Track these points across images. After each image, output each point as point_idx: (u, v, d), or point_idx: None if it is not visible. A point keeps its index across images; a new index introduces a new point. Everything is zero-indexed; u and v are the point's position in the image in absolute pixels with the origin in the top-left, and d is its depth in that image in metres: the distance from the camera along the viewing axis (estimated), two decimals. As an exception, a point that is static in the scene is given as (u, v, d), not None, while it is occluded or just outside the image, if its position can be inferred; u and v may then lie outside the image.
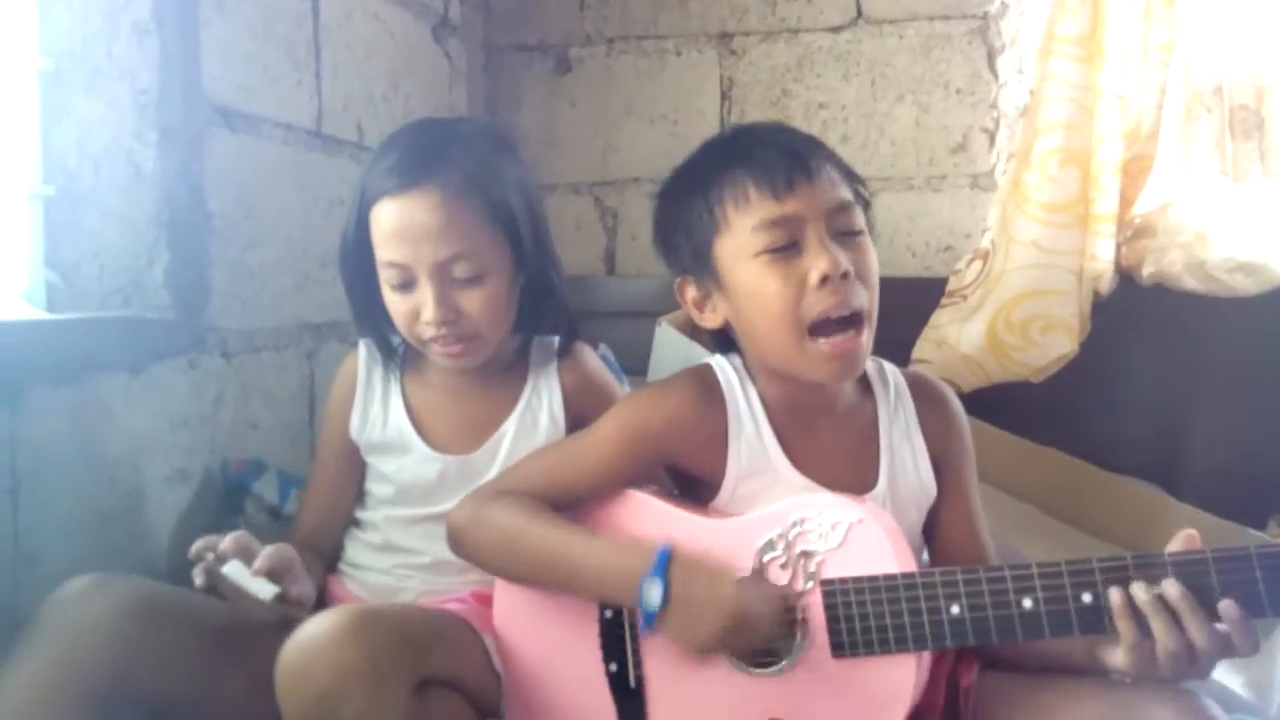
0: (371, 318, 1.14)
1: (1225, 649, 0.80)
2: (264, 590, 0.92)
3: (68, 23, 1.22)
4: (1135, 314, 1.64)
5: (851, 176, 0.99)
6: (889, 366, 1.07)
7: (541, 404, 1.16)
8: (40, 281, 1.24)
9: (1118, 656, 0.83)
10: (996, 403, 1.60)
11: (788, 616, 0.91)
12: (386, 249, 1.07)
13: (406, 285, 1.07)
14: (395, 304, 1.09)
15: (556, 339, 1.19)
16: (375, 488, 1.18)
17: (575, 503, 1.00)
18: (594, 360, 1.21)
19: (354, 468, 1.18)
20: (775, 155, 0.94)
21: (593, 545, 0.95)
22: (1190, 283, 1.58)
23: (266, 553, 0.95)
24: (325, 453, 1.19)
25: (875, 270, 0.95)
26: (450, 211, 1.05)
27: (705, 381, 1.01)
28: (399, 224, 1.05)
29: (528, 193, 1.13)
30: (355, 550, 1.18)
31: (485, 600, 1.09)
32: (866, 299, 0.93)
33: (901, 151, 1.92)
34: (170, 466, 1.26)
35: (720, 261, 0.96)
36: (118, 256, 1.25)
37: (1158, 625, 0.80)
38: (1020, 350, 1.63)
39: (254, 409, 1.40)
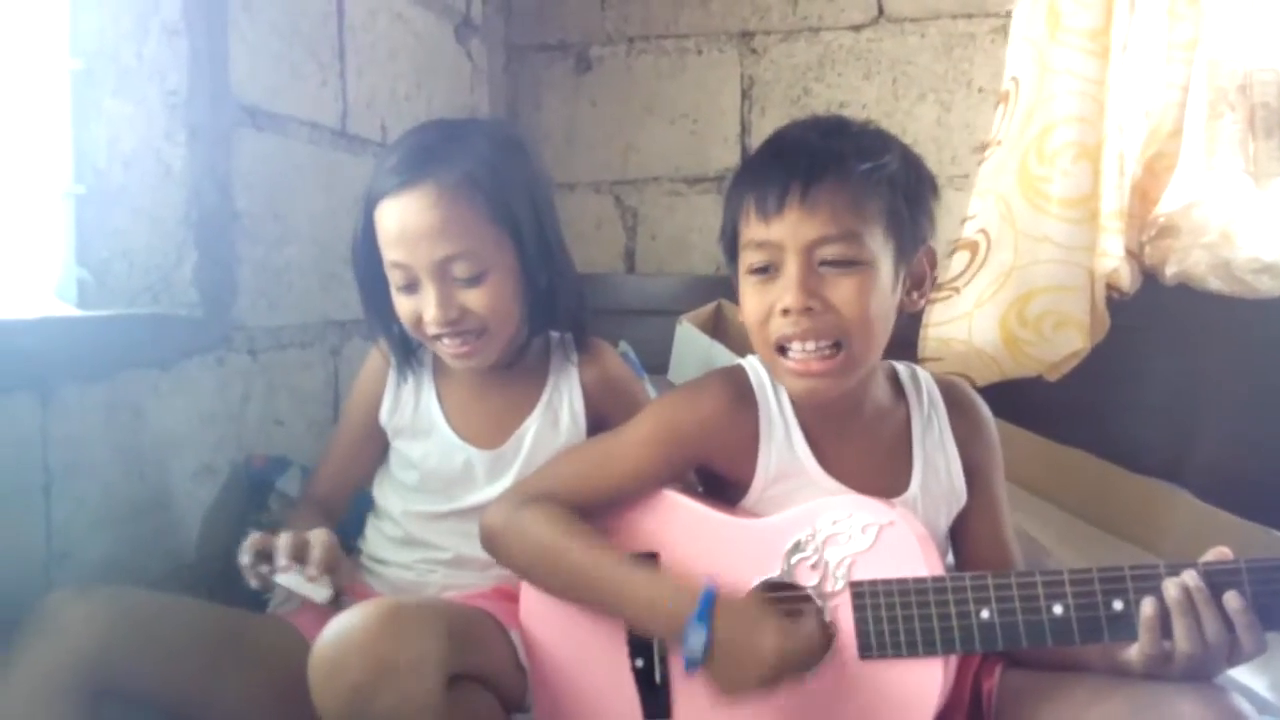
0: (383, 317, 1.15)
1: (1235, 654, 0.81)
2: (321, 594, 0.94)
3: (98, 24, 1.24)
4: (1159, 314, 1.63)
5: (899, 188, 0.94)
6: (921, 372, 1.07)
7: (563, 401, 1.17)
8: (71, 279, 1.25)
9: (1132, 653, 0.84)
10: (1020, 401, 1.59)
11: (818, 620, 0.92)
12: (389, 250, 1.08)
13: (410, 286, 1.08)
14: (401, 305, 1.10)
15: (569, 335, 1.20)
16: (401, 474, 1.19)
17: (608, 504, 1.01)
18: (613, 357, 1.22)
19: (371, 450, 1.21)
20: (779, 172, 0.93)
21: (634, 576, 0.94)
22: (1214, 283, 1.57)
23: (318, 557, 0.96)
24: (344, 433, 1.23)
25: (864, 302, 0.91)
26: (445, 210, 1.05)
27: (738, 383, 1.02)
28: (398, 224, 1.06)
29: (533, 192, 1.12)
30: (377, 543, 1.19)
31: (509, 596, 1.11)
32: (845, 329, 0.92)
33: (923, 150, 1.85)
34: (198, 462, 1.27)
35: (739, 268, 0.99)
36: (147, 254, 1.26)
37: (1180, 626, 0.81)
38: (1033, 345, 1.62)
39: (280, 405, 1.42)
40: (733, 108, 2.03)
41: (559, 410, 1.17)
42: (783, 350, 0.94)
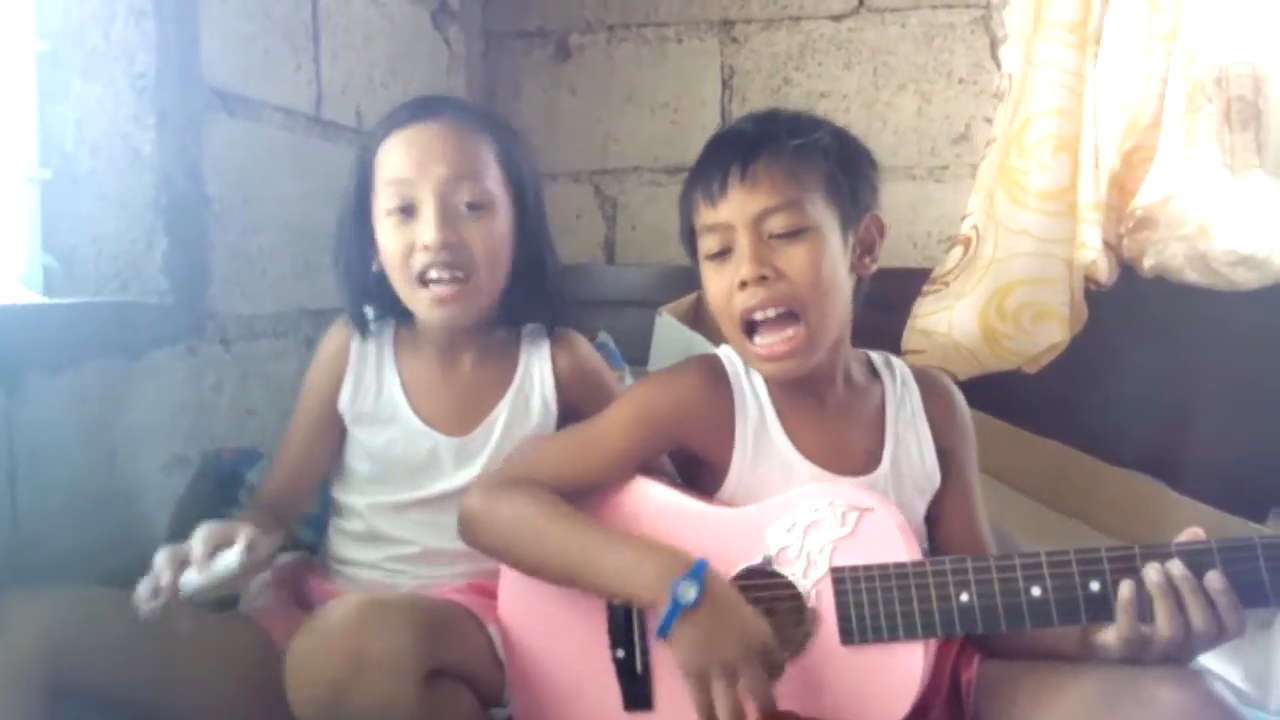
0: (359, 286, 1.13)
1: (1220, 634, 0.82)
2: (229, 564, 0.88)
3: (64, 4, 1.21)
4: (1136, 306, 1.64)
5: (834, 162, 0.98)
6: (895, 359, 1.10)
7: (534, 387, 1.16)
8: (38, 265, 1.23)
9: (1109, 637, 0.84)
10: (997, 394, 1.59)
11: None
12: (393, 171, 1.07)
13: (407, 211, 1.06)
14: (391, 238, 1.07)
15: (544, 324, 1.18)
16: (358, 465, 1.15)
17: (587, 489, 1.01)
18: (586, 346, 1.21)
19: (329, 440, 1.16)
20: (717, 158, 0.98)
21: (618, 541, 0.94)
22: (1192, 275, 1.58)
23: (200, 539, 0.91)
24: (301, 420, 1.17)
25: (815, 266, 0.95)
26: (461, 138, 1.08)
27: (712, 368, 1.04)
28: (410, 146, 1.06)
29: (533, 167, 1.15)
30: (340, 544, 1.17)
31: (484, 590, 1.09)
32: (800, 296, 0.95)
33: (903, 141, 1.92)
34: (169, 453, 1.25)
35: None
36: (115, 241, 1.24)
37: (1162, 609, 0.81)
38: (1012, 339, 1.62)
39: (253, 395, 1.39)
40: (713, 97, 2.02)
41: (530, 396, 1.16)
42: (750, 331, 0.97)
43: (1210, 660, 1.04)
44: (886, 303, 0.99)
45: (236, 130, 1.36)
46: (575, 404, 1.17)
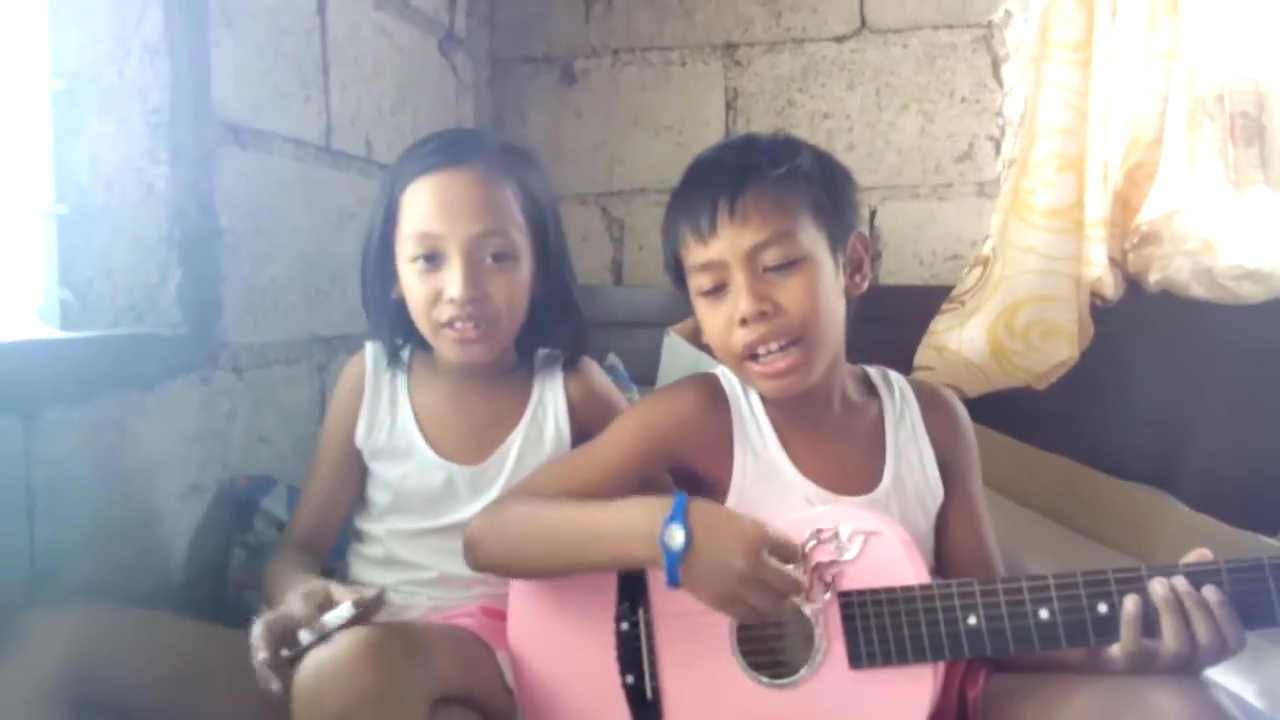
0: (386, 316, 1.15)
1: (1222, 649, 0.82)
2: (343, 613, 0.89)
3: (79, 43, 1.23)
4: (1142, 321, 1.64)
5: (819, 187, 0.99)
6: (893, 374, 1.10)
7: (547, 415, 1.17)
8: (54, 299, 1.25)
9: (1115, 651, 0.84)
10: (1003, 409, 1.60)
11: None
12: (418, 221, 1.07)
13: (433, 260, 1.07)
14: (415, 285, 1.08)
15: (561, 352, 1.20)
16: (377, 496, 1.18)
17: None
18: (599, 374, 1.22)
19: (353, 474, 1.18)
20: (704, 195, 0.97)
21: (608, 508, 0.95)
22: (1197, 290, 1.58)
23: (301, 602, 0.90)
24: (325, 457, 1.19)
25: (813, 296, 0.96)
26: (490, 188, 1.08)
27: (710, 386, 1.05)
28: (438, 197, 1.07)
29: (553, 201, 1.17)
30: (358, 567, 1.18)
31: (495, 614, 1.10)
32: (799, 325, 0.96)
33: (907, 160, 1.93)
34: (184, 482, 1.27)
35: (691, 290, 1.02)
36: (130, 274, 1.26)
37: (1168, 624, 0.82)
38: (1022, 355, 1.63)
39: (266, 423, 1.41)
40: (717, 119, 2.04)
41: (544, 425, 1.17)
42: (753, 358, 0.97)
43: (1226, 676, 1.04)
44: (891, 319, 1.01)
45: (248, 162, 1.38)
46: (589, 430, 1.16)
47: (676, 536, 0.88)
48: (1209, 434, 1.60)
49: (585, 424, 1.17)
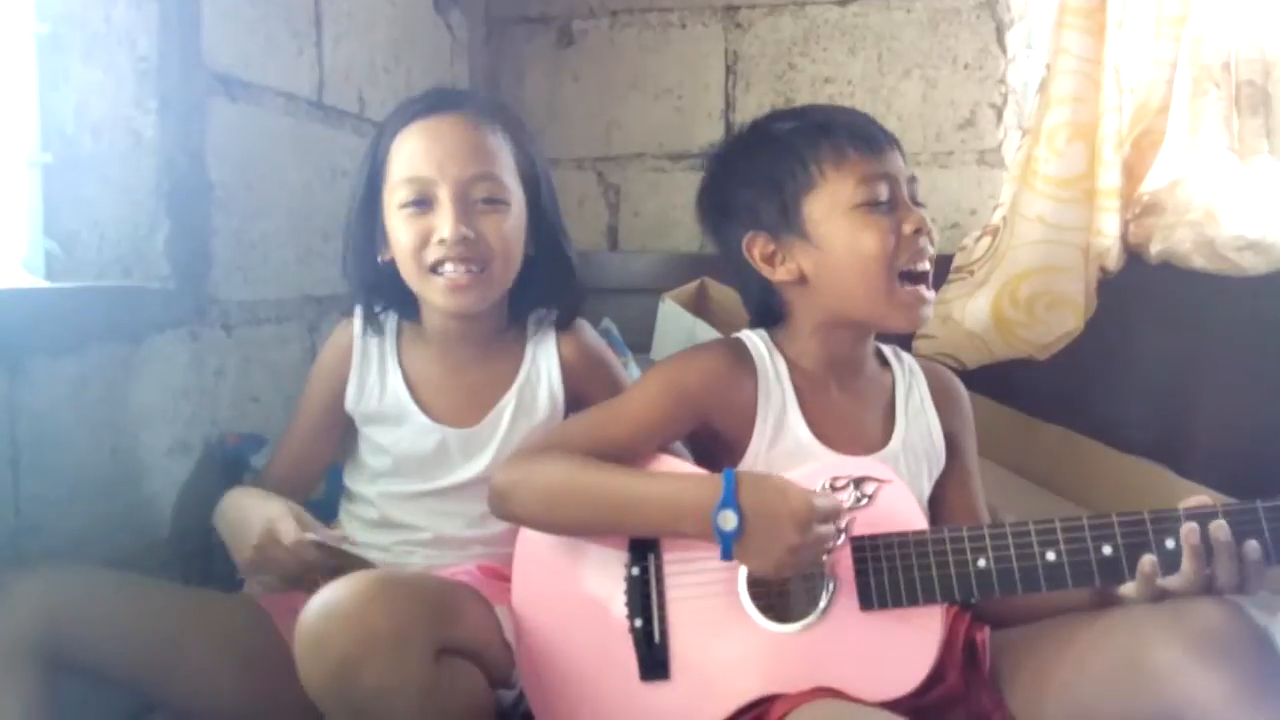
0: (370, 279, 1.14)
1: (1241, 586, 0.84)
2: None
3: (65, -14, 1.20)
4: (1143, 292, 1.63)
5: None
6: (903, 353, 1.14)
7: (540, 377, 1.16)
8: (39, 250, 1.22)
9: (1129, 590, 0.87)
10: (1003, 380, 1.59)
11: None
12: (408, 166, 1.07)
13: (423, 204, 1.07)
14: (404, 230, 1.07)
15: (555, 313, 1.19)
16: (372, 460, 1.17)
17: (613, 458, 1.01)
18: (593, 335, 1.21)
19: (331, 434, 1.19)
20: (861, 120, 1.04)
21: (655, 481, 0.97)
22: (1199, 261, 1.57)
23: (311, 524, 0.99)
24: (305, 416, 1.19)
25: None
26: (481, 133, 1.09)
27: (737, 349, 1.06)
28: (428, 141, 1.07)
29: (544, 159, 1.16)
30: (352, 527, 1.17)
31: (494, 573, 1.10)
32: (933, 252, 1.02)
33: (908, 127, 1.90)
34: (172, 438, 1.25)
35: (810, 216, 1.01)
36: (118, 225, 1.23)
37: (1190, 563, 0.84)
38: (1025, 327, 1.62)
39: (256, 382, 1.39)
40: (717, 83, 2.01)
41: (537, 386, 1.16)
42: (903, 280, 1.00)
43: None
44: None
45: (238, 115, 1.35)
46: (582, 392, 1.17)
47: (730, 520, 0.89)
48: (1208, 405, 1.59)
49: (578, 386, 1.17)
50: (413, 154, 1.07)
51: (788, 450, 1.01)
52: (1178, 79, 1.62)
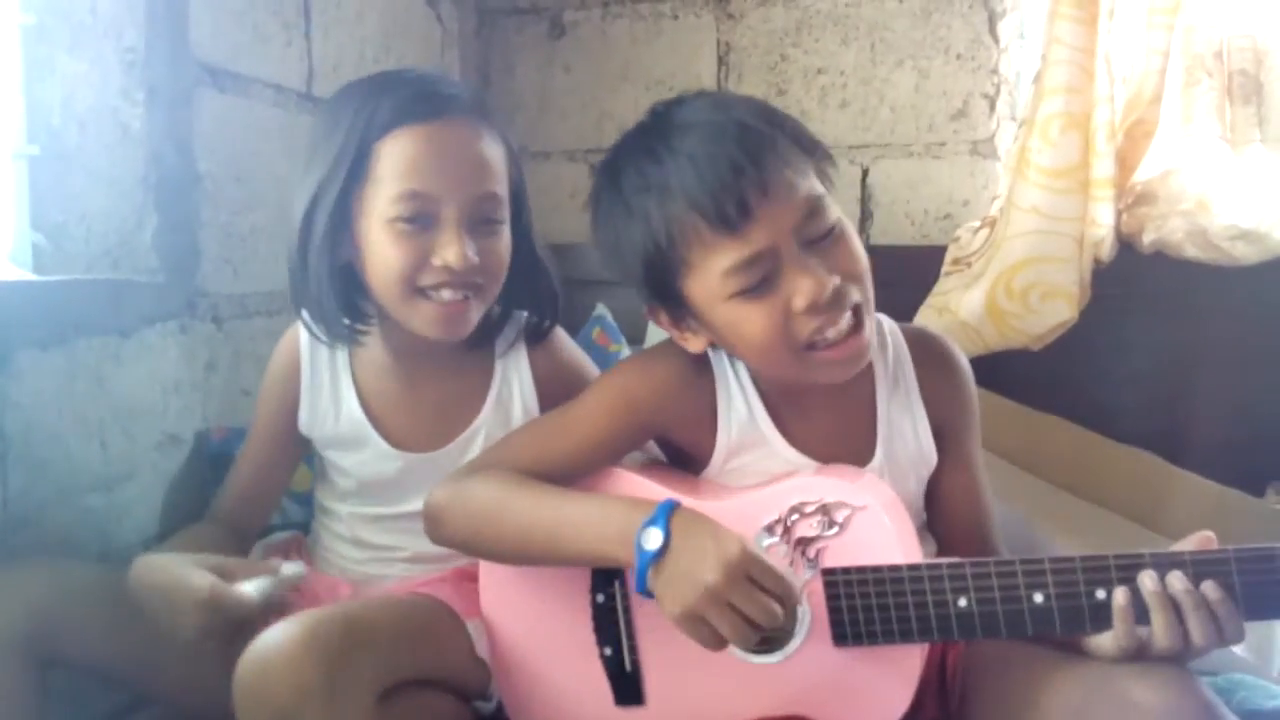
0: (325, 283, 0.99)
1: (1219, 642, 0.77)
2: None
3: (50, -23, 1.19)
4: (1136, 282, 1.63)
5: (808, 145, 0.89)
6: (887, 324, 1.00)
7: (513, 395, 1.08)
8: (26, 243, 1.21)
9: (1105, 642, 0.79)
10: (997, 371, 1.58)
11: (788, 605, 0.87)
12: (407, 178, 0.94)
13: (422, 221, 0.95)
14: (393, 247, 0.95)
15: (524, 316, 1.10)
16: (338, 480, 1.11)
17: (562, 480, 0.94)
18: (568, 344, 1.14)
19: (285, 458, 1.12)
20: (719, 175, 0.82)
21: (587, 502, 0.89)
22: (1191, 251, 1.57)
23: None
24: (256, 440, 1.11)
25: (861, 256, 0.88)
26: (484, 145, 0.98)
27: (695, 355, 0.95)
28: (430, 151, 0.95)
29: (520, 163, 1.08)
30: (328, 540, 1.14)
31: (469, 576, 1.04)
32: (859, 292, 0.87)
33: (901, 118, 1.90)
34: (161, 432, 1.24)
35: (692, 299, 0.88)
36: (105, 218, 1.22)
37: (1159, 619, 0.76)
38: (1019, 318, 1.62)
39: (246, 375, 1.38)
40: (709, 74, 2.00)
41: (510, 406, 1.07)
42: (811, 348, 0.87)
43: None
44: (882, 279, 0.92)
45: (227, 106, 1.34)
46: (557, 402, 1.05)
47: (654, 538, 0.81)
48: (1201, 394, 1.59)
49: (554, 398, 1.05)
50: (413, 164, 0.95)
51: (759, 459, 0.94)
52: (1170, 68, 1.61)
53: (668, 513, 0.83)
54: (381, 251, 0.97)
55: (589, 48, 2.05)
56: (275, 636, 0.81)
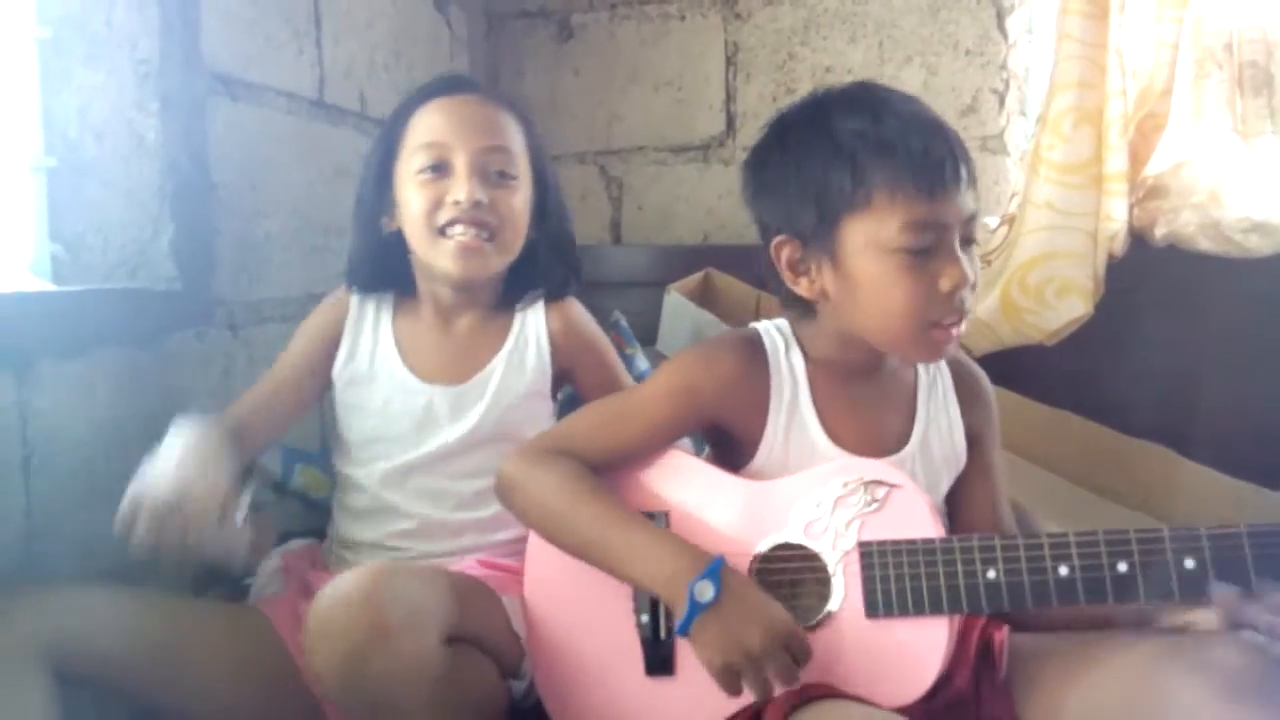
0: (373, 246, 1.16)
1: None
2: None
3: (65, -10, 1.20)
4: (1148, 275, 1.62)
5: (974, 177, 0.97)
6: None
7: (529, 344, 1.18)
8: (45, 254, 1.22)
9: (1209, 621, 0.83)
10: (1009, 366, 1.58)
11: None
12: (427, 134, 1.12)
13: (439, 169, 1.11)
14: (418, 194, 1.11)
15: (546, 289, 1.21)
16: (357, 425, 1.16)
17: (622, 459, 1.01)
18: (582, 311, 1.23)
19: (298, 395, 1.17)
20: (935, 150, 0.91)
21: (644, 534, 0.94)
22: (1204, 243, 1.56)
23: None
24: (279, 368, 1.18)
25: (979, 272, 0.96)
26: (498, 115, 1.15)
27: (752, 343, 1.02)
28: (446, 113, 1.13)
29: (548, 158, 1.21)
30: (344, 523, 1.17)
31: (495, 566, 1.10)
32: (972, 299, 0.95)
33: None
34: (181, 439, 1.25)
35: (847, 240, 0.93)
36: (122, 228, 1.24)
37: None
38: (1034, 313, 1.61)
39: (262, 381, 1.39)
40: (717, 74, 2.00)
41: (525, 353, 1.17)
42: (935, 325, 0.93)
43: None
44: None
45: (240, 115, 1.35)
46: (569, 367, 1.19)
47: (707, 592, 0.87)
48: (1215, 387, 1.59)
49: (566, 359, 1.19)
50: (432, 123, 1.12)
51: (801, 449, 0.99)
52: (1180, 61, 1.61)
53: (720, 568, 0.89)
54: (408, 201, 1.12)
55: (597, 50, 2.06)
56: (349, 579, 0.86)
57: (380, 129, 1.19)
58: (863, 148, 0.91)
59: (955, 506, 1.06)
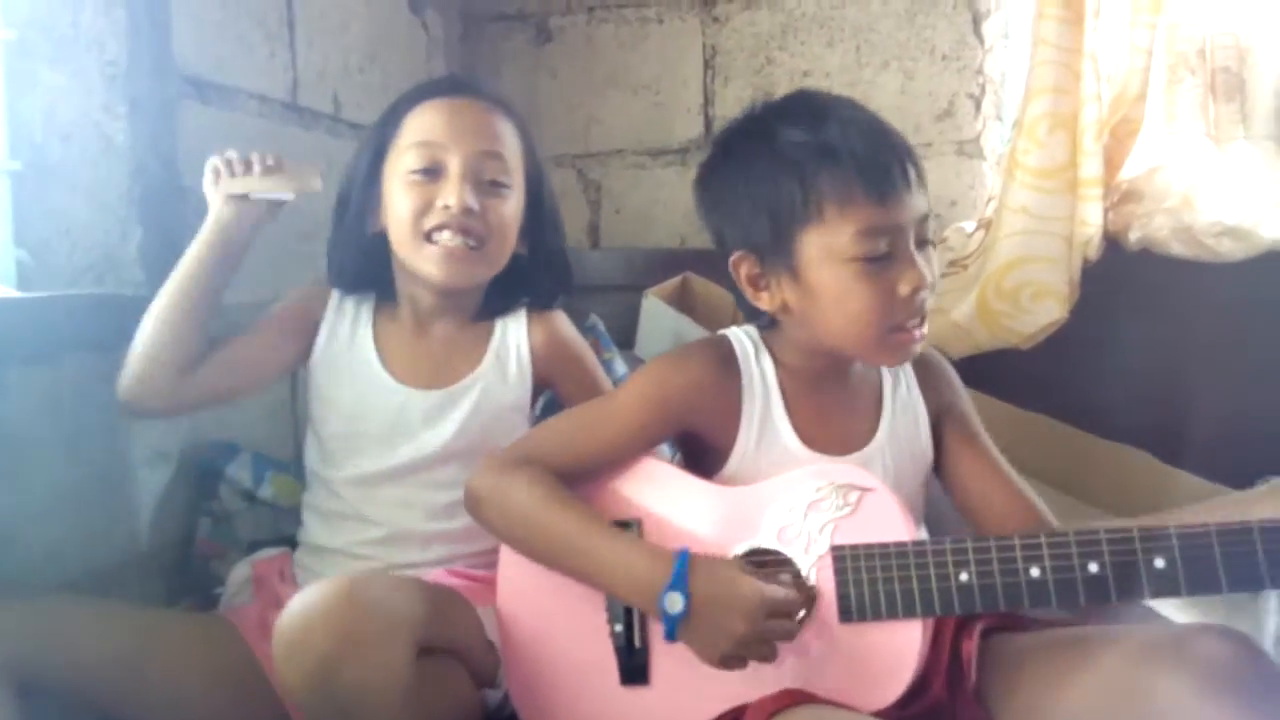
0: (356, 246, 1.14)
1: None
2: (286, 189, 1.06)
3: (31, -9, 1.19)
4: (1122, 280, 1.63)
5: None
6: None
7: (510, 355, 1.16)
8: (9, 260, 1.21)
9: None
10: (985, 370, 1.59)
11: (795, 582, 0.92)
12: (422, 133, 1.09)
13: (431, 173, 1.08)
14: (406, 196, 1.08)
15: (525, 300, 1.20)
16: (331, 421, 1.15)
17: (594, 468, 1.01)
18: (564, 321, 1.22)
19: (279, 350, 1.17)
20: (880, 155, 0.91)
21: (611, 547, 0.93)
22: (1177, 248, 1.57)
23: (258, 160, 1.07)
24: (266, 321, 1.17)
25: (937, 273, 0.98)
26: (496, 120, 1.12)
27: (722, 350, 1.02)
28: (443, 114, 1.10)
29: (543, 169, 1.19)
30: (311, 528, 1.16)
31: (467, 576, 1.09)
32: (931, 300, 0.96)
33: (886, 119, 1.90)
34: (149, 448, 1.23)
35: (803, 253, 0.94)
36: (89, 233, 1.22)
37: None
38: (1010, 317, 1.62)
39: (234, 388, 1.37)
40: (695, 78, 2.00)
41: (506, 364, 1.16)
42: (896, 329, 0.94)
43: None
44: None
45: (211, 118, 1.33)
46: (550, 378, 1.18)
47: (676, 604, 0.88)
48: (1190, 391, 1.60)
49: (547, 370, 1.18)
50: (428, 123, 1.10)
51: (772, 454, 0.99)
52: (1154, 67, 1.62)
53: (684, 573, 0.89)
54: (397, 202, 1.10)
55: (575, 53, 2.05)
56: (318, 589, 0.85)
57: (369, 129, 1.17)
58: (808, 158, 0.92)
59: (966, 495, 1.05)
